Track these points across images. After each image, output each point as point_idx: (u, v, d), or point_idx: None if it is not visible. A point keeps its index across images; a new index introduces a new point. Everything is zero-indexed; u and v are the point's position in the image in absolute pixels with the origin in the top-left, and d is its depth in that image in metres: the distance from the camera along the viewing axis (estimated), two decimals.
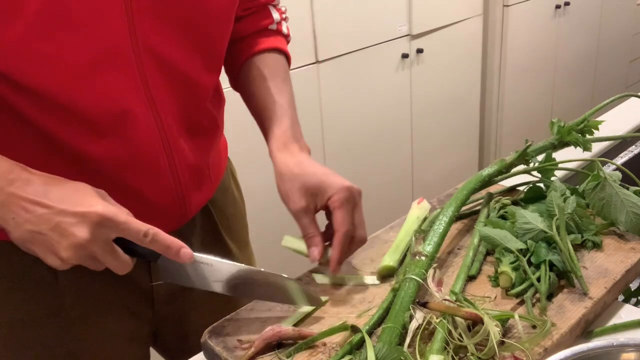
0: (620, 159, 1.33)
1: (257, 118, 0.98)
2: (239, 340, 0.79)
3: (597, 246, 0.92)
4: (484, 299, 0.84)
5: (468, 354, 0.72)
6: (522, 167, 1.06)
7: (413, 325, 0.74)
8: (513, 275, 0.84)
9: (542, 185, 1.04)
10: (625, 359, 0.64)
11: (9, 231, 0.70)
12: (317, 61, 2.16)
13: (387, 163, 2.55)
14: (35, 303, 0.87)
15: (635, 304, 0.95)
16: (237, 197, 1.09)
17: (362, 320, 0.81)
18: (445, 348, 0.72)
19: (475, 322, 0.73)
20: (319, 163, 0.89)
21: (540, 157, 1.05)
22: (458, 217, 1.00)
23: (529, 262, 0.85)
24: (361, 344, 0.75)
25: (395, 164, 2.60)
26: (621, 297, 0.93)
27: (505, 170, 1.04)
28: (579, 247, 0.93)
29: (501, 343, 0.72)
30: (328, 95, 2.23)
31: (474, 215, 1.04)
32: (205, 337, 0.81)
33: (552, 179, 1.05)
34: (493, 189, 1.09)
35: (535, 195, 1.02)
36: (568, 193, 0.96)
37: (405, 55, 2.45)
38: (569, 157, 1.06)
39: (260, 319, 0.83)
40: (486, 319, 0.72)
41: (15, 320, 0.88)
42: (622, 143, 1.41)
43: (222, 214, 1.03)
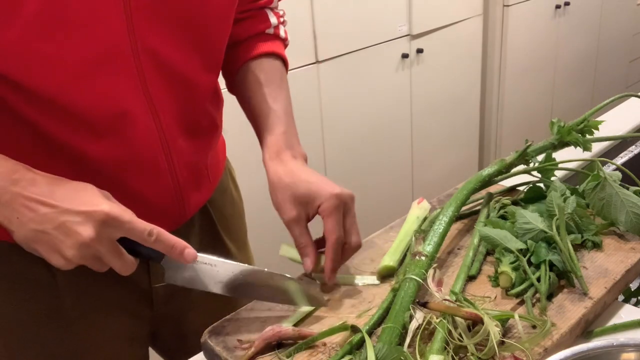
0: (620, 159, 1.33)
1: (253, 124, 0.97)
2: (239, 340, 0.79)
3: (597, 246, 0.92)
4: (484, 299, 0.84)
5: (468, 354, 0.72)
6: (522, 167, 1.06)
7: (413, 325, 0.74)
8: (513, 275, 0.84)
9: (542, 185, 1.04)
10: (625, 359, 0.64)
11: (12, 231, 0.70)
12: (317, 61, 2.16)
13: (387, 163, 2.55)
14: (34, 303, 0.87)
15: (635, 304, 0.95)
16: (235, 197, 1.09)
17: (362, 320, 0.81)
18: (445, 348, 0.72)
19: (475, 322, 0.73)
20: (311, 170, 0.89)
21: (540, 157, 1.05)
22: (458, 217, 1.00)
23: (529, 262, 0.85)
24: (361, 344, 0.75)
25: (395, 164, 2.60)
26: (621, 297, 0.93)
27: (505, 170, 1.04)
28: (579, 247, 0.93)
29: (501, 343, 0.72)
30: (328, 95, 2.23)
31: (474, 215, 1.04)
32: (205, 337, 0.81)
33: (552, 179, 1.04)
34: (493, 189, 1.09)
35: (535, 195, 1.02)
36: (568, 193, 0.96)
37: (405, 55, 2.45)
38: (569, 157, 1.06)
39: (260, 319, 0.83)
40: (486, 319, 0.72)
41: (14, 320, 0.88)
42: (622, 143, 1.41)
43: (221, 214, 1.03)
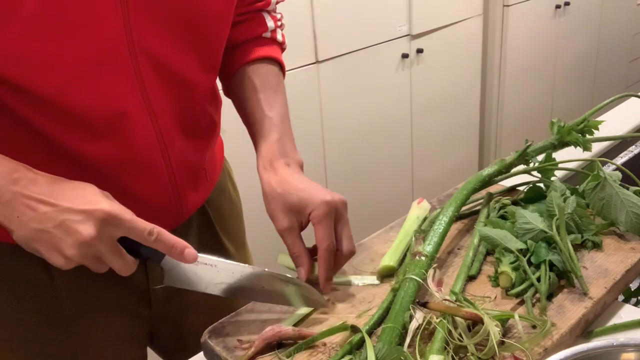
0: (620, 159, 1.33)
1: (248, 131, 0.97)
2: (239, 340, 0.79)
3: (597, 246, 0.92)
4: (484, 299, 0.84)
5: (468, 354, 0.72)
6: (522, 167, 1.06)
7: (413, 325, 0.74)
8: (513, 275, 0.84)
9: (542, 185, 1.04)
10: (625, 359, 0.64)
11: (12, 230, 0.70)
12: (317, 61, 2.16)
13: (387, 163, 2.55)
14: (33, 304, 0.87)
15: (635, 304, 0.95)
16: (233, 197, 1.09)
17: (362, 320, 0.81)
18: (445, 348, 0.72)
19: (475, 322, 0.73)
20: (304, 177, 0.88)
21: (540, 157, 1.05)
22: (458, 217, 1.00)
23: (529, 262, 0.85)
24: (361, 344, 0.75)
25: (395, 164, 2.60)
26: (621, 297, 0.93)
27: (505, 170, 1.04)
28: (579, 247, 0.93)
29: (501, 343, 0.72)
30: (328, 95, 2.23)
31: (474, 215, 1.04)
32: (205, 337, 0.81)
33: (552, 179, 1.04)
34: (493, 189, 1.09)
35: (535, 195, 1.02)
36: (568, 193, 0.96)
37: (405, 55, 2.45)
38: (569, 157, 1.06)
39: (260, 319, 0.83)
40: (486, 319, 0.72)
41: (14, 320, 0.88)
42: (622, 143, 1.41)
43: (219, 214, 1.03)
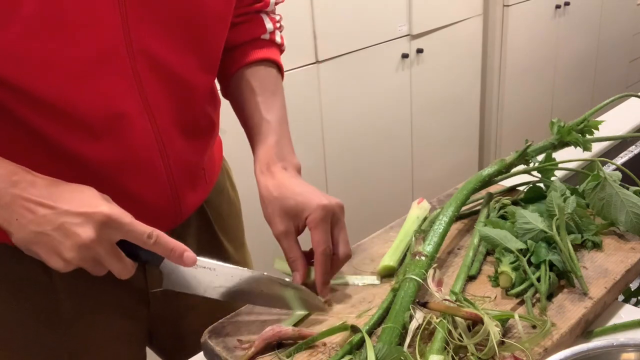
0: (620, 159, 1.33)
1: (246, 133, 0.97)
2: (239, 340, 0.79)
3: (597, 246, 0.92)
4: (484, 299, 0.83)
5: (468, 354, 0.72)
6: (522, 167, 1.06)
7: (413, 325, 0.74)
8: (513, 275, 0.84)
9: (542, 185, 1.04)
10: (625, 359, 0.64)
11: (11, 233, 0.70)
12: (317, 61, 2.16)
13: (387, 163, 2.55)
14: (33, 305, 0.87)
15: (635, 304, 0.95)
16: (232, 197, 1.09)
17: (362, 320, 0.81)
18: (445, 348, 0.72)
19: (475, 322, 0.73)
20: (301, 181, 0.88)
21: (540, 157, 1.05)
22: (458, 217, 1.00)
23: (529, 262, 0.85)
24: (361, 344, 0.75)
25: (395, 164, 2.60)
26: (621, 297, 0.93)
27: (505, 170, 1.04)
28: (579, 247, 0.93)
29: (501, 343, 0.72)
30: (328, 95, 2.23)
31: (474, 215, 1.04)
32: (205, 337, 0.81)
33: (552, 179, 1.04)
34: (493, 189, 1.09)
35: (535, 195, 1.02)
36: (568, 193, 0.96)
37: (405, 55, 2.45)
38: (569, 157, 1.06)
39: (260, 319, 0.83)
40: (486, 319, 0.72)
41: (14, 321, 0.88)
42: (622, 143, 1.41)
43: (218, 214, 1.03)
